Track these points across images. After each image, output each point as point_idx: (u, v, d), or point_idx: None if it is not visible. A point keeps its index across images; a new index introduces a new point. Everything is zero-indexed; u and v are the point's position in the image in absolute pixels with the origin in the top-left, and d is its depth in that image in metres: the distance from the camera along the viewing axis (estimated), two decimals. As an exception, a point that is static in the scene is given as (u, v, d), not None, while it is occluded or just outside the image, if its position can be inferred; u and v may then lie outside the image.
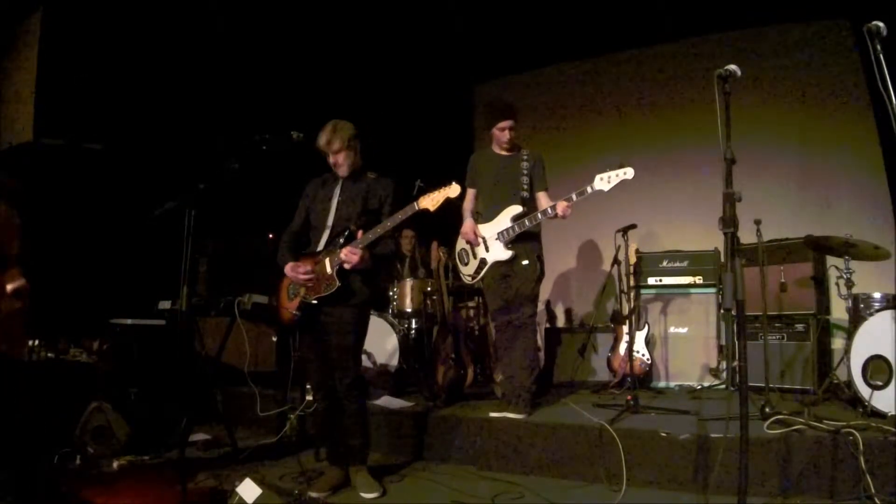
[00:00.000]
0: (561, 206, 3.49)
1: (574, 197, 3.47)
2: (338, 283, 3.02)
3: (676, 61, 6.12)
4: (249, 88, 5.87)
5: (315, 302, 3.09)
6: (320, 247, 3.18)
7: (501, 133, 3.83)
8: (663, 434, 3.10)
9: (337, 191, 3.25)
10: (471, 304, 5.33)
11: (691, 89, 5.85)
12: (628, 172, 3.34)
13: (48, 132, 4.94)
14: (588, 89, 6.68)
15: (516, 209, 3.73)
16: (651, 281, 5.14)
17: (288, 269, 3.16)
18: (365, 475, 3.17)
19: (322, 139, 3.16)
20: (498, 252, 3.76)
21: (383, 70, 6.41)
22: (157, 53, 5.38)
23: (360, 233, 3.03)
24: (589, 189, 3.42)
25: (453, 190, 2.83)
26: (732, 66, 2.34)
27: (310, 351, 3.26)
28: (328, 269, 3.05)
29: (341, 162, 3.19)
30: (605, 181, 3.38)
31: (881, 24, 2.22)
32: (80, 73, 4.98)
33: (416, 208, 2.90)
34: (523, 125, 6.27)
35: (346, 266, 2.99)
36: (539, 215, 3.64)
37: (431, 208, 2.86)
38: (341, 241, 3.05)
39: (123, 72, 5.26)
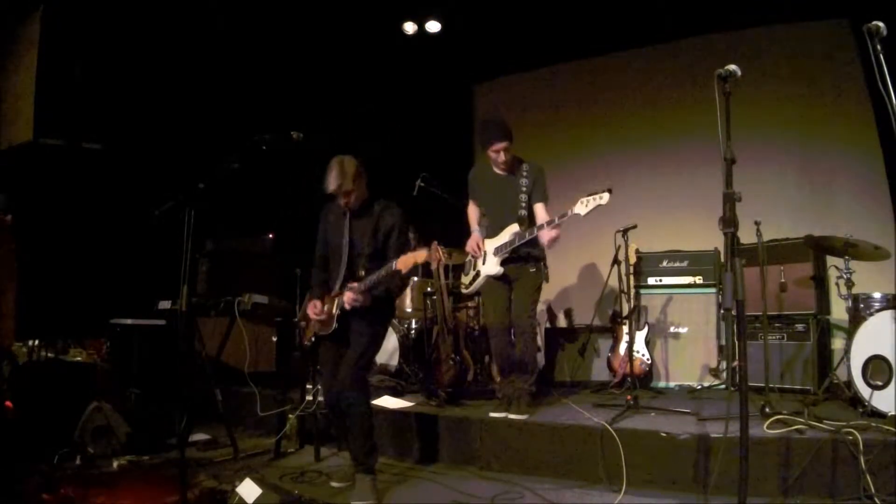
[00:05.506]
0: (546, 234, 3.55)
1: (556, 220, 3.51)
2: (335, 325, 3.24)
3: (676, 61, 6.10)
4: (249, 88, 5.87)
5: (313, 339, 3.37)
6: (336, 288, 3.31)
7: (496, 155, 3.84)
8: (663, 434, 3.10)
9: (346, 229, 3.32)
10: (470, 304, 5.32)
11: (691, 89, 5.83)
12: (604, 198, 3.37)
13: (48, 132, 4.94)
14: (588, 89, 6.66)
15: (515, 227, 3.80)
16: (651, 281, 5.14)
17: (309, 307, 3.35)
18: (363, 481, 3.07)
19: (332, 184, 3.16)
20: (491, 267, 3.83)
21: (383, 69, 6.41)
22: (157, 53, 5.38)
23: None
24: (569, 213, 3.45)
25: (420, 256, 2.97)
26: (732, 66, 2.34)
27: (325, 363, 3.39)
28: (333, 311, 3.26)
29: (352, 201, 3.25)
30: (583, 205, 3.41)
31: (881, 24, 2.22)
32: (80, 73, 4.98)
33: (393, 268, 3.03)
34: (523, 125, 6.32)
35: (347, 307, 3.16)
36: (535, 230, 3.67)
37: (403, 270, 3.00)
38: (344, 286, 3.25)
39: (123, 71, 5.26)
